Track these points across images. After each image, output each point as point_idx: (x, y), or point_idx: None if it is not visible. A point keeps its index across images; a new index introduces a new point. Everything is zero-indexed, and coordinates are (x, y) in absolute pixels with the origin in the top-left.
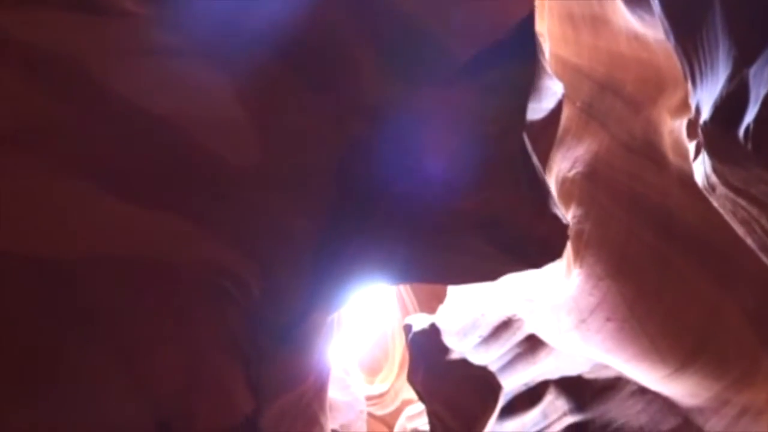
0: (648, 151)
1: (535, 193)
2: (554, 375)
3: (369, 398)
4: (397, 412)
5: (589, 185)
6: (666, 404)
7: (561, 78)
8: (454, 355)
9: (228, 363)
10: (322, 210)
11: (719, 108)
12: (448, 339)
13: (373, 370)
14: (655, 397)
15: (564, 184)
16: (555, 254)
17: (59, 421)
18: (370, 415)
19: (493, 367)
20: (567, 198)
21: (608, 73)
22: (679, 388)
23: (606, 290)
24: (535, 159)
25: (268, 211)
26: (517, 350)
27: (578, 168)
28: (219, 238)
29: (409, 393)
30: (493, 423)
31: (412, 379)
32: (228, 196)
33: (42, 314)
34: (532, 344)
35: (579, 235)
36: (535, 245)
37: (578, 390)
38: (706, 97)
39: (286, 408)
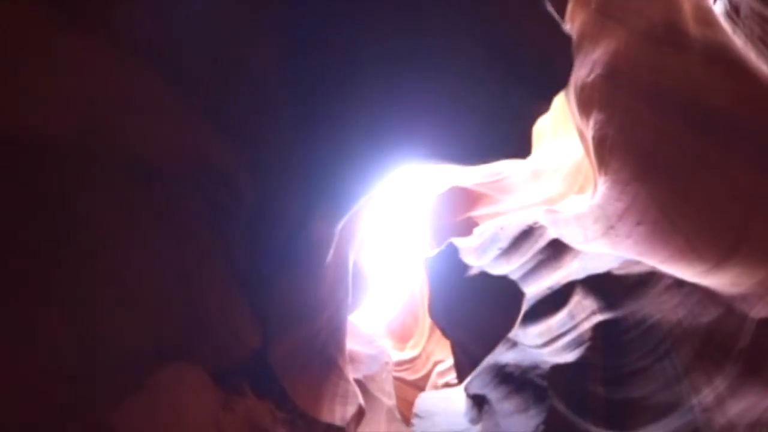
0: (670, 34)
1: None
2: (580, 275)
3: (400, 363)
4: (428, 376)
5: (609, 87)
6: (705, 295)
7: None
8: (473, 271)
9: (229, 290)
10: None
11: None
12: (466, 257)
13: (403, 337)
14: (693, 289)
15: (583, 91)
16: (558, 74)
17: (46, 346)
18: (402, 380)
19: (514, 276)
20: (587, 105)
21: None
22: (719, 280)
23: (634, 194)
24: None
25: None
26: (540, 257)
27: (597, 71)
28: (194, 113)
29: (440, 355)
30: (516, 329)
31: (432, 313)
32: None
33: (23, 232)
34: (556, 249)
35: (602, 141)
36: (535, 58)
37: (607, 287)
38: None
39: (298, 346)
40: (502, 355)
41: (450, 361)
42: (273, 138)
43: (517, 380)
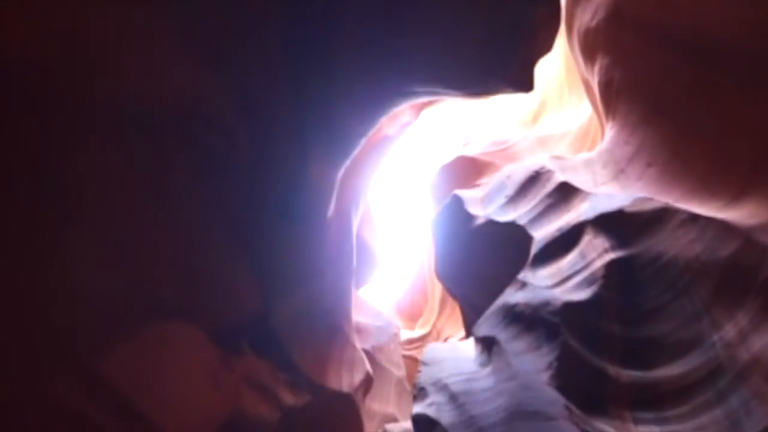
0: None
1: None
2: (590, 215)
3: (410, 342)
4: None
5: (614, 29)
6: (723, 228)
7: None
8: (479, 221)
9: (226, 246)
10: None
11: None
12: (471, 208)
13: (412, 316)
14: (709, 222)
15: (587, 36)
16: None
17: (31, 297)
18: (413, 359)
19: (521, 222)
20: (592, 50)
21: None
22: (736, 213)
23: (643, 136)
24: None
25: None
26: (548, 201)
27: (601, 14)
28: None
29: (451, 331)
30: (525, 271)
31: (439, 272)
32: None
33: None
34: (564, 193)
35: (608, 85)
36: None
37: (619, 226)
38: None
39: (301, 309)
40: (511, 296)
41: (461, 334)
42: (263, 73)
43: (527, 319)
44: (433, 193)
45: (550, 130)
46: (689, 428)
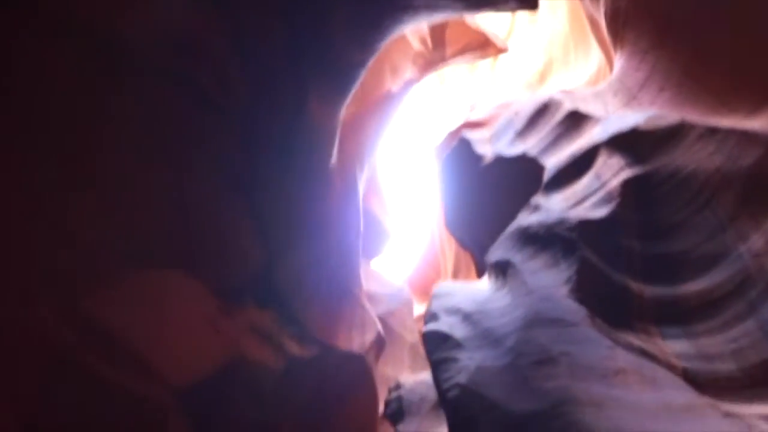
0: None
1: None
2: (603, 137)
3: (422, 317)
4: None
5: None
6: (743, 137)
7: None
8: (488, 159)
9: (226, 199)
10: None
11: None
12: (480, 148)
13: (425, 291)
14: (729, 133)
15: None
16: None
17: (21, 239)
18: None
19: (532, 153)
20: None
21: None
22: (757, 123)
23: (654, 61)
24: None
25: None
26: (559, 130)
27: None
28: None
29: None
30: (538, 196)
31: (448, 222)
32: None
33: None
34: (575, 120)
35: (615, 16)
36: None
37: (634, 144)
38: None
39: (306, 267)
40: (524, 220)
41: None
42: (256, 3)
43: (542, 238)
44: (440, 160)
45: (557, 89)
46: (720, 341)
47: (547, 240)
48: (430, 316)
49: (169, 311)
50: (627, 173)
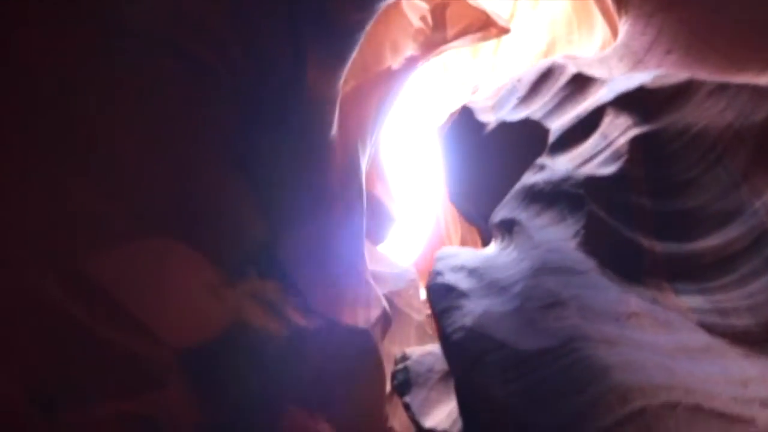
0: None
1: None
2: (610, 97)
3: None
4: None
5: None
6: (756, 92)
7: None
8: (491, 126)
9: (225, 171)
10: None
11: None
12: (482, 116)
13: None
14: (741, 89)
15: None
16: None
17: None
18: (432, 318)
19: (535, 116)
20: None
21: None
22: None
23: (660, 24)
24: None
25: None
26: (563, 93)
27: None
28: None
29: None
30: (543, 157)
31: (452, 196)
32: None
33: None
34: (580, 83)
35: None
36: None
37: (642, 103)
38: None
39: (309, 242)
40: (529, 179)
41: None
42: None
43: (548, 196)
44: (443, 134)
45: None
46: (736, 297)
47: (554, 197)
48: (435, 275)
49: (170, 278)
50: (635, 131)
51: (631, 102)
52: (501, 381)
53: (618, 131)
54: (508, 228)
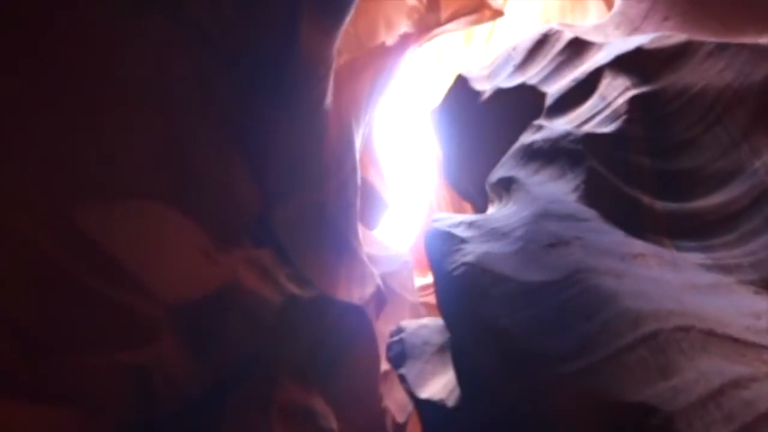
0: None
1: None
2: (607, 60)
3: (424, 288)
4: None
5: None
6: (755, 51)
7: None
8: (486, 94)
9: (219, 139)
10: None
11: None
12: (478, 85)
13: (424, 264)
14: (740, 48)
15: None
16: None
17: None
18: (427, 305)
19: (531, 82)
20: None
21: None
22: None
23: None
24: None
25: None
26: (560, 58)
27: None
28: None
29: None
30: (541, 119)
31: (446, 173)
32: None
33: None
34: (577, 48)
35: None
36: None
37: (640, 64)
38: None
39: (304, 215)
40: (527, 138)
41: None
42: None
43: (547, 153)
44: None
45: None
46: (738, 254)
47: (553, 153)
48: (432, 228)
49: (163, 239)
50: (633, 92)
51: (629, 63)
52: (507, 311)
53: (616, 92)
54: (506, 186)
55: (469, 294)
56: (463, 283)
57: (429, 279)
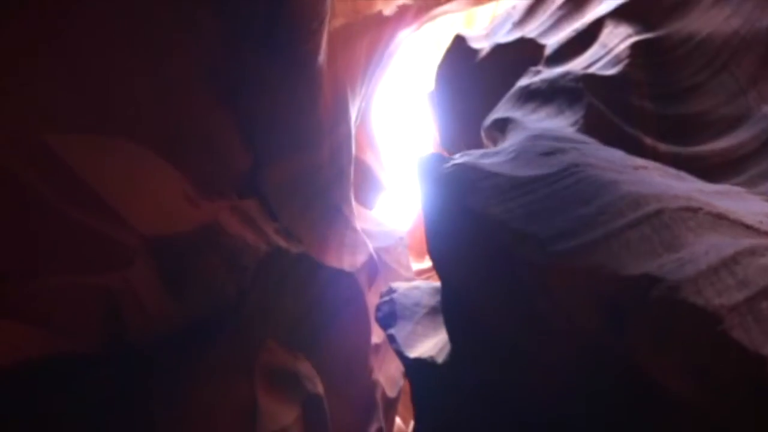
0: None
1: None
2: (608, 9)
3: (420, 273)
4: None
5: None
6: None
7: None
8: (484, 52)
9: (209, 95)
10: None
11: None
12: (476, 44)
13: (420, 251)
14: None
15: None
16: None
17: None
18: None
19: (530, 35)
20: None
21: None
22: None
23: None
24: None
25: None
26: (560, 13)
27: None
28: None
29: None
30: (540, 66)
31: (443, 143)
32: None
33: None
34: (578, 2)
35: None
36: None
37: (643, 12)
38: None
39: (296, 178)
40: (524, 82)
41: None
42: None
43: (545, 92)
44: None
45: None
46: None
47: (551, 93)
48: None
49: (143, 177)
50: (635, 38)
51: (631, 12)
52: (498, 201)
53: (618, 39)
54: (501, 128)
55: (456, 188)
56: (452, 180)
57: (425, 263)
